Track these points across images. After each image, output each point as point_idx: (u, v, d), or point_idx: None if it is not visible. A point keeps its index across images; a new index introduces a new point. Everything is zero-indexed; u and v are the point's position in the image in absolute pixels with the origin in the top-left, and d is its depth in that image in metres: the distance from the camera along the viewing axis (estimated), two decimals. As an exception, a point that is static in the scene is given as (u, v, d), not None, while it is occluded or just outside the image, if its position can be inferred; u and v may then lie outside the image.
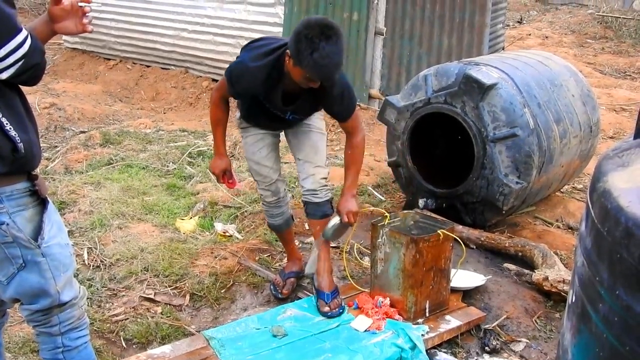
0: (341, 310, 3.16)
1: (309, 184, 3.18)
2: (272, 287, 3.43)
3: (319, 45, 2.56)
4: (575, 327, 1.56)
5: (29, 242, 2.02)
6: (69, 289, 2.18)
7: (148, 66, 8.46)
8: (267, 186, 3.25)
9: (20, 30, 1.89)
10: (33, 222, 2.04)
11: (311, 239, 3.96)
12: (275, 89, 2.89)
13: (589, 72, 9.35)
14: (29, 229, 2.03)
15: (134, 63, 8.63)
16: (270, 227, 3.49)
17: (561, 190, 4.97)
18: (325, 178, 3.20)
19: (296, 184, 4.86)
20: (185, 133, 6.25)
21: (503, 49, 8.53)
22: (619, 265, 1.35)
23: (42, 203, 2.08)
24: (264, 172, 3.21)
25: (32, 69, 1.94)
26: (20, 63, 1.89)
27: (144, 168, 5.21)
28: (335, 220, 3.11)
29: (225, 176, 3.22)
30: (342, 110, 2.98)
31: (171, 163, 5.35)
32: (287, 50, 2.70)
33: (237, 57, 2.98)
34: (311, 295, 3.32)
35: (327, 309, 3.14)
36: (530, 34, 12.19)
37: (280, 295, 3.37)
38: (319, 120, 3.28)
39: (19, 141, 1.95)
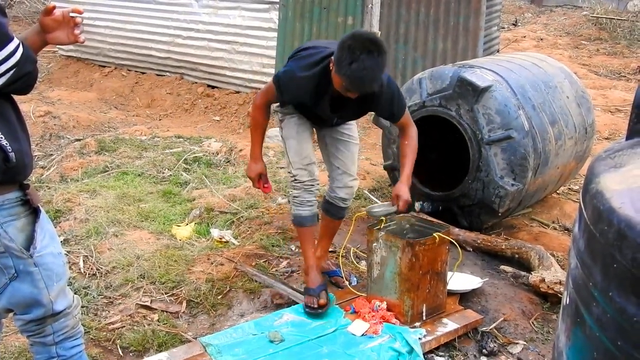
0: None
1: (344, 194, 3.39)
2: (306, 309, 3.18)
3: (359, 57, 2.66)
4: (569, 329, 1.56)
5: (21, 251, 2.01)
6: (63, 298, 2.17)
7: (143, 73, 8.46)
8: (305, 165, 3.24)
9: (11, 39, 1.89)
10: (25, 231, 2.03)
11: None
12: (324, 97, 3.00)
13: (584, 74, 9.37)
14: (21, 239, 2.02)
15: (129, 70, 8.63)
16: (295, 222, 3.33)
17: (557, 191, 4.98)
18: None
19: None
20: (181, 139, 6.24)
21: (498, 51, 8.54)
22: (612, 267, 1.35)
23: (34, 212, 2.07)
24: (305, 152, 3.24)
25: (24, 78, 1.94)
26: (11, 72, 1.89)
27: (139, 175, 5.20)
28: (388, 207, 3.19)
29: (260, 180, 3.29)
30: (394, 114, 3.12)
31: (167, 170, 5.34)
32: (332, 57, 2.80)
33: (285, 66, 3.06)
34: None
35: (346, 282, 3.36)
36: (525, 37, 12.22)
37: (320, 310, 3.15)
38: (356, 129, 3.46)
39: (10, 151, 1.94)
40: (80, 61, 9.09)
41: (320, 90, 2.95)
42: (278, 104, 3.29)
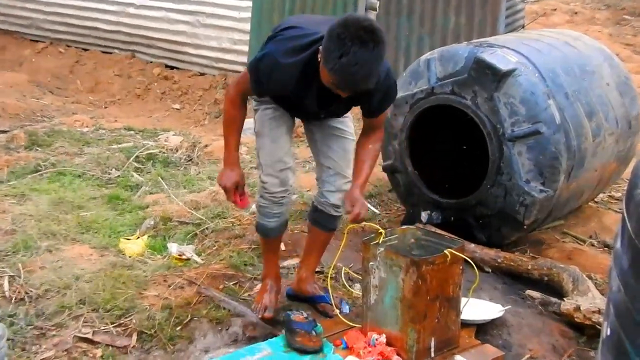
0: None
1: (336, 199, 3.39)
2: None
3: (350, 49, 2.64)
4: (611, 367, 1.57)
5: None
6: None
7: (85, 49, 8.43)
8: (277, 172, 3.24)
9: None
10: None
11: (288, 262, 3.97)
12: (310, 89, 2.99)
13: (627, 56, 9.47)
14: None
15: (68, 46, 8.59)
16: (258, 230, 3.45)
17: (595, 199, 5.02)
18: None
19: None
20: (132, 132, 6.23)
21: (523, 27, 8.62)
22: (662, 291, 1.36)
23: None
24: (279, 153, 3.23)
25: None
26: None
27: (79, 176, 5.18)
28: None
29: (237, 191, 3.24)
30: (377, 109, 3.14)
31: (114, 169, 5.33)
32: (320, 46, 2.79)
33: (262, 49, 3.03)
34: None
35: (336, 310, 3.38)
36: (555, 9, 12.33)
37: (259, 316, 3.38)
38: (351, 121, 3.46)
39: None
40: (8, 35, 9.04)
41: (307, 81, 2.94)
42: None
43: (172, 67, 7.85)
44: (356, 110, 6.55)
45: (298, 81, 2.94)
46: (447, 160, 4.69)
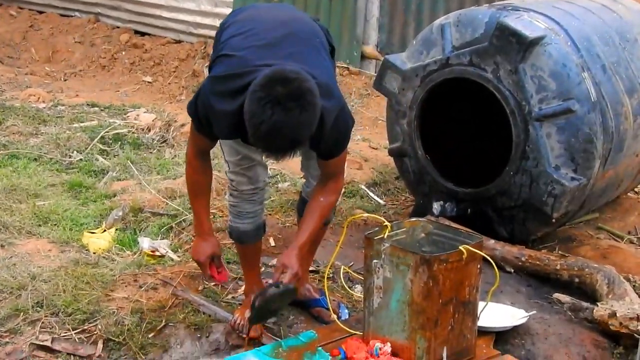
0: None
1: None
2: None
3: (271, 117, 2.60)
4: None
5: None
6: None
7: (41, 12, 8.40)
8: (244, 169, 3.27)
9: None
10: None
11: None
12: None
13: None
14: None
15: (21, 8, 8.57)
16: (231, 236, 3.47)
17: (635, 190, 5.04)
18: None
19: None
20: (96, 109, 6.22)
21: (554, -12, 8.61)
22: None
23: None
24: (243, 150, 3.23)
25: None
26: None
27: (35, 160, 5.20)
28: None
29: (213, 264, 3.28)
30: (328, 150, 3.07)
31: (75, 152, 5.33)
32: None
33: (204, 81, 3.05)
34: (279, 339, 3.34)
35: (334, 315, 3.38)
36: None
37: (244, 336, 3.37)
38: None
39: None
40: (-52, -7, 9.01)
41: (245, 130, 2.86)
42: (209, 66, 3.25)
43: (142, 33, 7.82)
44: (358, 84, 6.55)
45: (236, 129, 2.92)
46: (463, 142, 4.71)
